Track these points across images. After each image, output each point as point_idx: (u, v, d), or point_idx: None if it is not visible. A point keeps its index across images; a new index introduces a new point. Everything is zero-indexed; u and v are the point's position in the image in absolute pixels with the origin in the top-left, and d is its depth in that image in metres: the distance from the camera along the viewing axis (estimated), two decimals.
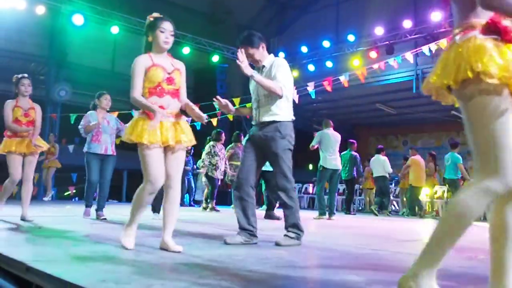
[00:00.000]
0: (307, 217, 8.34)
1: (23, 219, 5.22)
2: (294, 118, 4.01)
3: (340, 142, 8.63)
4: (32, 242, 3.37)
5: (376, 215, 10.86)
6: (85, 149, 6.15)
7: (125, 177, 16.70)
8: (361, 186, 14.25)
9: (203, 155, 9.61)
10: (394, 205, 14.07)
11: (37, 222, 5.12)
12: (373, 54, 14.09)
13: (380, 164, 11.52)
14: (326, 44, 15.40)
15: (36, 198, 13.31)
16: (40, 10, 12.56)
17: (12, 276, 2.39)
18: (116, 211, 7.50)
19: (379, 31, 14.16)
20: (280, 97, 3.81)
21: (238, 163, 9.51)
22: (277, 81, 3.79)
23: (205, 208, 9.87)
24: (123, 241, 3.14)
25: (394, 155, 19.12)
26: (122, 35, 14.22)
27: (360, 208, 14.76)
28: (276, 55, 4.14)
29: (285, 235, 3.83)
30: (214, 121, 12.36)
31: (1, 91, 5.40)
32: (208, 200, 9.84)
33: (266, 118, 3.89)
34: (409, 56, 11.24)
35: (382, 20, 14.30)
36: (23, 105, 5.39)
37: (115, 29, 13.71)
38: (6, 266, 2.50)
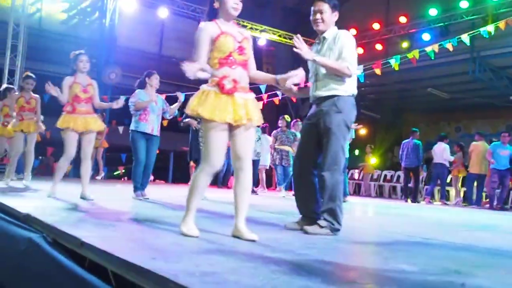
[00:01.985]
0: (352, 202, 8.23)
1: (83, 197, 5.21)
2: (355, 92, 3.65)
3: None
4: (86, 220, 3.47)
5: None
6: (131, 127, 6.07)
7: (171, 158, 17.02)
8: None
9: None
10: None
11: (82, 200, 5.17)
12: (426, 36, 13.59)
13: (441, 151, 11.36)
14: (376, 26, 14.98)
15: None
16: None
17: (68, 250, 2.46)
18: (163, 191, 7.63)
19: (433, 12, 13.63)
20: (348, 76, 3.50)
21: (283, 147, 9.54)
22: (342, 59, 3.47)
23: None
24: (185, 231, 2.87)
25: None
26: (170, 19, 14.39)
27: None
28: (315, 42, 3.83)
29: (317, 223, 3.46)
30: (260, 105, 12.32)
31: (55, 74, 5.51)
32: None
33: (323, 93, 3.56)
34: (465, 38, 10.74)
35: (437, 0, 13.74)
36: (81, 81, 5.39)
37: (163, 13, 13.88)
38: (63, 241, 2.58)
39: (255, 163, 9.48)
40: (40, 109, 7.33)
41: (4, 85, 8.31)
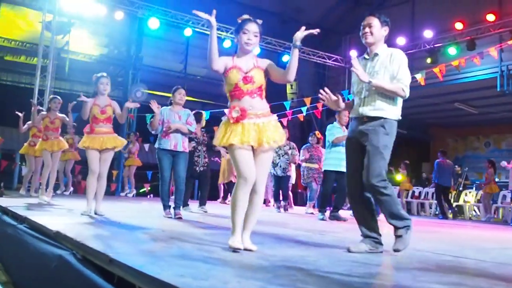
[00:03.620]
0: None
1: (95, 212, 5.38)
2: (400, 117, 3.62)
3: None
4: (115, 237, 3.50)
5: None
6: (156, 145, 6.07)
7: None
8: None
9: None
10: (475, 211, 13.32)
11: (109, 216, 5.28)
12: (452, 51, 13.45)
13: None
14: (400, 41, 14.88)
15: (114, 194, 13.96)
16: (119, 15, 13.20)
17: (97, 267, 2.49)
18: (191, 208, 7.65)
19: (459, 25, 13.49)
20: (403, 98, 3.51)
21: (311, 165, 9.44)
22: (397, 80, 3.47)
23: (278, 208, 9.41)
24: (230, 243, 3.05)
25: (474, 158, 18.15)
26: (194, 37, 14.62)
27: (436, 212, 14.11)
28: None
29: (396, 235, 3.46)
30: (284, 122, 12.36)
31: (82, 93, 5.67)
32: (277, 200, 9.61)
33: (371, 113, 3.51)
34: (493, 51, 10.58)
35: (463, 13, 13.60)
36: (100, 103, 5.58)
37: (188, 31, 14.13)
38: (92, 257, 2.61)
39: (283, 179, 9.43)
40: (66, 124, 7.64)
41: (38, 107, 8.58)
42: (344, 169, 3.92)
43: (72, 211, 5.52)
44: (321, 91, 3.72)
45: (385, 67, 3.53)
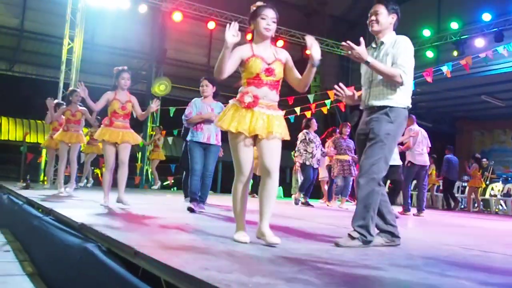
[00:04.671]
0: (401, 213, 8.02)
1: (119, 201, 5.43)
2: (409, 104, 3.50)
3: (427, 137, 8.56)
4: (139, 230, 3.52)
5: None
6: (188, 138, 5.94)
7: (220, 169, 17.17)
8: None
9: (298, 144, 9.03)
10: (501, 205, 13.06)
11: (133, 208, 5.27)
12: (479, 42, 13.14)
13: None
14: (426, 33, 14.61)
15: (139, 186, 14.11)
16: (143, 9, 13.28)
17: (122, 259, 2.50)
18: (213, 202, 7.67)
19: (486, 17, 13.17)
20: (400, 84, 3.37)
21: (343, 157, 9.32)
22: (397, 65, 3.35)
23: (296, 203, 9.08)
24: (236, 237, 3.07)
25: (501, 151, 17.78)
26: (217, 30, 14.62)
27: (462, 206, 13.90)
28: (371, 45, 3.75)
29: (349, 234, 3.27)
30: (308, 114, 12.29)
31: (107, 86, 5.68)
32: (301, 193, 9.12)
33: (376, 102, 3.43)
34: None
35: (490, 4, 13.28)
36: (121, 98, 5.59)
37: (211, 25, 14.12)
38: (116, 250, 2.63)
39: (315, 172, 9.21)
40: (88, 121, 7.67)
41: (56, 101, 8.64)
42: (395, 163, 3.74)
43: (96, 203, 5.54)
44: (336, 86, 3.66)
45: (387, 54, 3.44)
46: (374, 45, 3.62)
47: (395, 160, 7.09)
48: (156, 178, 12.21)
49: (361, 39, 3.30)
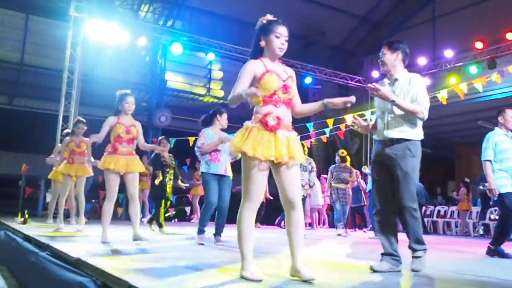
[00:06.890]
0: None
1: (136, 239, 5.15)
2: (423, 137, 3.80)
3: None
4: (136, 264, 3.47)
5: None
6: (202, 169, 5.74)
7: None
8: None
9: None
10: None
11: (133, 242, 5.10)
12: (473, 69, 13.33)
13: None
14: (422, 61, 14.81)
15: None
16: (142, 41, 13.44)
17: None
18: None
19: (479, 45, 13.39)
20: (421, 120, 3.68)
21: (339, 185, 9.30)
22: (417, 103, 3.63)
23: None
24: (248, 275, 2.77)
25: None
26: (217, 61, 14.79)
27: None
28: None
29: (414, 257, 3.64)
30: (308, 143, 12.33)
31: (106, 118, 5.46)
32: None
33: (395, 135, 3.67)
34: None
35: (483, 33, 13.51)
36: (125, 122, 5.33)
37: (211, 56, 14.25)
38: (111, 284, 2.63)
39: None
40: (91, 153, 7.45)
41: (66, 130, 8.56)
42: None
43: (96, 238, 5.30)
44: (353, 118, 3.91)
45: (405, 92, 3.70)
46: (387, 81, 3.86)
47: None
48: (198, 211, 11.00)
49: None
